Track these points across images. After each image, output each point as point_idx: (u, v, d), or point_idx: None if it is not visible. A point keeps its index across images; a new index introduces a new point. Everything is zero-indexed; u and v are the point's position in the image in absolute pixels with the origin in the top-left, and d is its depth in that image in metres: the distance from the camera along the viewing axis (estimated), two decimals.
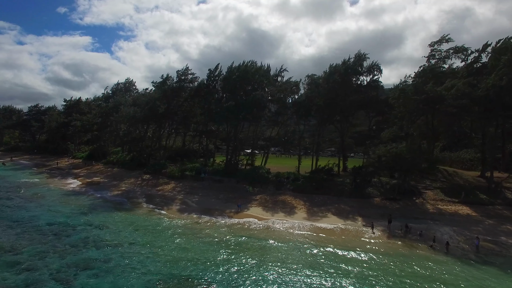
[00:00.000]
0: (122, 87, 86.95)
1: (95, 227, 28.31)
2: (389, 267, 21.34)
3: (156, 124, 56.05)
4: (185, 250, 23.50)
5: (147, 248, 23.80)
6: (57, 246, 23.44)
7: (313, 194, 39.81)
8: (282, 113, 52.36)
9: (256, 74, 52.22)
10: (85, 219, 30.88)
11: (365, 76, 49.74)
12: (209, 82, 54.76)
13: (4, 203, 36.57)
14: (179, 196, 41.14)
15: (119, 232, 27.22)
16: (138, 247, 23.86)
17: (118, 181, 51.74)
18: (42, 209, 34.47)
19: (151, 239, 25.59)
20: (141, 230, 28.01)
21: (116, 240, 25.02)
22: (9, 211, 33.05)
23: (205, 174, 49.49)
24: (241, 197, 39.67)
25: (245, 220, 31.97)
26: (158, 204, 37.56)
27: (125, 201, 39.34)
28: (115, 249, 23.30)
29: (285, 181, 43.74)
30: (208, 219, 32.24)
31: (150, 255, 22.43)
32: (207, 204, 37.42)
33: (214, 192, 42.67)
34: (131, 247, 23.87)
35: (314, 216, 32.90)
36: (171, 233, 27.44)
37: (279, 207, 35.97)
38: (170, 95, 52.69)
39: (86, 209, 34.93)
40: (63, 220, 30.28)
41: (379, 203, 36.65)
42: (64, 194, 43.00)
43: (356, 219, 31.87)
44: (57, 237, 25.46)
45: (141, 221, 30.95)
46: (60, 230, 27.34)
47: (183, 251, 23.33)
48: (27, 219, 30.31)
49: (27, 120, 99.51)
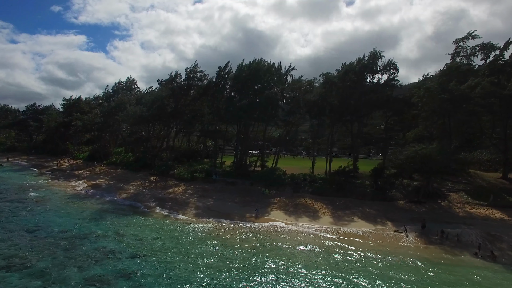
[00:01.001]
0: (123, 86, 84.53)
1: (111, 235, 26.34)
2: (442, 276, 19.82)
3: (164, 123, 53.92)
4: (223, 259, 21.88)
5: (177, 257, 21.97)
6: (75, 257, 21.44)
7: (334, 197, 38.24)
8: (295, 112, 50.62)
9: (267, 73, 50.59)
10: (98, 225, 28.87)
11: (381, 74, 48.45)
12: (218, 80, 52.91)
13: (9, 207, 34.37)
14: (192, 200, 39.20)
15: (138, 240, 25.27)
16: (167, 256, 22.03)
17: (125, 183, 49.57)
18: (50, 213, 32.38)
19: (177, 247, 23.73)
20: (162, 237, 26.12)
21: (138, 249, 23.09)
22: (16, 216, 30.89)
23: (216, 176, 47.63)
24: (259, 201, 37.96)
25: (269, 224, 30.34)
26: (172, 209, 35.62)
27: (136, 205, 37.30)
28: (139, 259, 21.37)
29: (302, 183, 42.09)
30: (230, 224, 30.42)
31: (186, 266, 20.64)
32: (224, 208, 35.57)
33: (228, 195, 40.81)
34: (157, 256, 21.96)
35: (341, 221, 31.28)
36: (196, 240, 25.57)
37: (301, 211, 34.29)
38: (178, 94, 50.65)
39: (97, 214, 32.87)
40: (75, 226, 28.29)
41: (404, 206, 35.22)
42: (70, 197, 40.79)
43: (386, 224, 30.33)
44: (73, 246, 23.46)
45: (159, 227, 29.02)
46: (74, 237, 25.35)
47: (220, 260, 21.71)
48: (36, 225, 28.26)
49: (25, 120, 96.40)
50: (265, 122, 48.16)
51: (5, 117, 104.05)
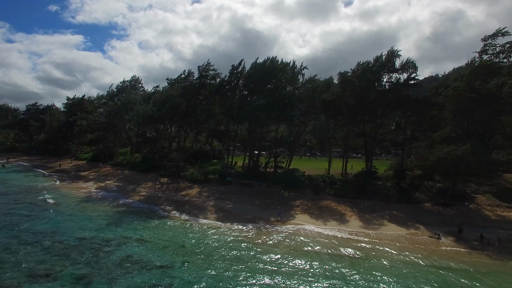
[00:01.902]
0: (127, 85, 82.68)
1: (133, 242, 24.77)
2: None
3: (176, 123, 52.23)
4: (266, 263, 20.95)
5: (215, 264, 20.70)
6: (101, 267, 19.93)
7: (357, 199, 36.99)
8: (311, 112, 49.38)
9: (282, 71, 49.37)
10: (117, 231, 27.27)
11: (399, 73, 47.32)
12: (231, 79, 51.52)
13: (19, 211, 32.73)
14: (210, 203, 37.72)
15: (165, 247, 23.73)
16: (202, 264, 20.67)
17: (135, 185, 47.93)
18: (63, 218, 30.72)
19: (210, 254, 22.34)
20: (189, 243, 24.66)
21: (167, 257, 21.60)
22: (28, 221, 29.18)
23: (230, 178, 46.19)
24: (279, 203, 36.64)
25: (299, 228, 29.21)
26: (191, 212, 34.10)
27: (153, 208, 35.74)
28: (172, 269, 19.89)
29: (322, 185, 40.82)
30: (257, 228, 29.03)
31: (229, 273, 19.41)
32: (245, 212, 34.15)
33: (246, 197, 39.40)
34: (190, 264, 20.49)
35: (371, 224, 30.04)
36: (226, 246, 24.19)
37: (326, 214, 33.00)
38: (190, 93, 49.06)
39: (113, 218, 31.28)
40: (93, 232, 26.66)
41: (431, 209, 34.07)
42: (81, 200, 39.11)
43: (418, 227, 29.13)
44: (97, 254, 21.92)
45: (182, 232, 27.54)
46: (95, 245, 23.75)
47: (265, 264, 20.79)
48: (50, 231, 26.61)
49: (26, 120, 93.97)
50: (283, 122, 46.74)
51: (5, 116, 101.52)
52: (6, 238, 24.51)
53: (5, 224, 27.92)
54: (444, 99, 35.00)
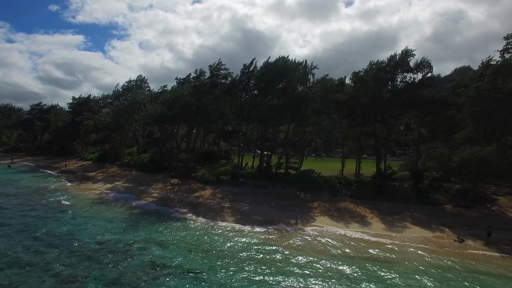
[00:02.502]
0: (133, 85, 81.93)
1: (154, 245, 24.03)
2: None
3: (187, 123, 51.45)
4: (300, 267, 20.27)
5: (247, 268, 20.05)
6: (126, 273, 19.24)
7: (375, 201, 36.33)
8: (323, 112, 48.73)
9: (294, 71, 48.71)
10: (136, 234, 26.55)
11: (414, 73, 46.70)
12: (243, 78, 50.82)
13: (36, 212, 32.08)
14: (225, 204, 37.01)
15: (187, 252, 22.96)
16: (232, 268, 19.90)
17: (145, 186, 47.18)
18: (79, 220, 29.99)
19: (237, 257, 21.60)
20: (213, 246, 23.93)
21: (193, 263, 20.89)
22: (42, 224, 28.46)
23: (243, 179, 45.50)
24: (296, 205, 35.93)
25: (321, 229, 28.46)
26: (208, 215, 33.33)
27: (168, 211, 34.93)
28: (201, 275, 19.15)
29: (338, 186, 40.15)
30: (279, 230, 28.35)
31: (263, 277, 18.77)
32: (263, 214, 33.44)
33: (262, 199, 38.71)
34: (220, 269, 19.75)
35: (394, 227, 29.36)
36: (252, 249, 23.46)
37: (346, 216, 32.32)
38: (202, 92, 48.31)
39: (129, 221, 30.55)
40: (112, 235, 25.97)
41: (452, 211, 33.46)
42: (93, 202, 38.38)
43: (443, 230, 28.47)
44: (120, 259, 21.20)
45: (203, 235, 26.79)
46: (116, 249, 23.07)
47: (298, 267, 20.24)
48: (70, 234, 25.90)
49: (30, 119, 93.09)
50: (297, 122, 46.06)
51: (8, 116, 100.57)
52: (29, 241, 23.85)
53: (26, 227, 27.30)
54: (465, 99, 34.34)
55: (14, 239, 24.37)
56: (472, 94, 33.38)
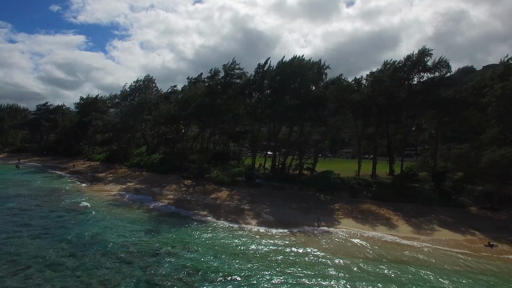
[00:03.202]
0: (141, 85, 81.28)
1: (181, 250, 23.29)
2: None
3: (201, 124, 50.71)
4: (344, 270, 19.39)
5: (283, 275, 19.10)
6: (161, 279, 18.48)
7: (397, 202, 35.66)
8: (339, 112, 48.11)
9: (309, 70, 48.13)
10: (160, 237, 25.83)
11: (431, 73, 46.08)
12: (257, 78, 50.20)
13: (52, 214, 31.23)
14: (245, 206, 36.33)
15: (217, 256, 22.21)
16: (269, 274, 19.10)
17: (159, 188, 46.52)
18: (99, 223, 29.21)
19: (271, 261, 20.81)
20: (242, 251, 23.17)
21: (226, 268, 20.15)
22: (66, 226, 27.67)
23: (259, 180, 44.86)
24: (317, 207, 35.31)
25: (348, 233, 27.63)
26: (228, 217, 32.58)
27: (187, 213, 34.16)
28: (239, 281, 18.40)
29: (358, 188, 39.52)
30: (306, 233, 27.61)
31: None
32: (285, 216, 32.77)
33: (281, 200, 38.04)
34: (257, 275, 18.99)
35: (422, 230, 28.70)
36: (283, 252, 22.67)
37: (371, 219, 31.67)
38: (216, 92, 47.64)
39: (150, 224, 29.83)
40: (136, 239, 25.20)
41: (479, 213, 32.79)
42: (110, 203, 37.65)
43: (473, 233, 27.82)
44: (149, 265, 20.39)
45: (228, 239, 26.04)
46: (144, 253, 22.25)
47: (343, 271, 19.35)
48: (89, 239, 24.95)
49: (37, 119, 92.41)
50: (315, 122, 45.42)
51: (14, 117, 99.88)
52: (58, 243, 23.13)
53: (50, 229, 26.48)
54: (490, 99, 33.67)
55: (44, 242, 23.69)
56: (498, 94, 32.70)
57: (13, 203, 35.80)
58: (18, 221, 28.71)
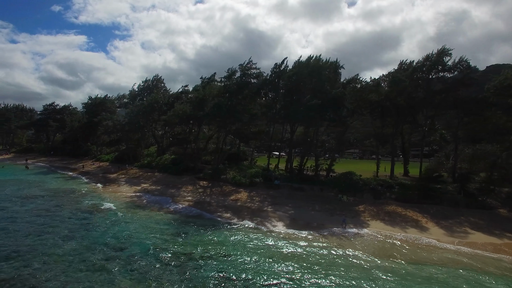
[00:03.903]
0: (150, 85, 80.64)
1: (215, 254, 22.57)
2: None
3: (217, 124, 50.05)
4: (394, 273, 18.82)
5: (335, 278, 18.57)
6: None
7: (422, 204, 35.24)
8: (357, 113, 47.61)
9: (327, 70, 47.64)
10: (189, 241, 25.15)
11: (451, 73, 45.63)
12: (273, 78, 49.66)
13: (73, 217, 30.52)
14: (268, 208, 35.73)
15: (254, 261, 21.54)
16: (319, 278, 18.51)
17: (175, 189, 45.90)
18: (123, 226, 28.43)
19: (318, 266, 20.21)
20: (280, 255, 22.41)
21: (269, 274, 19.46)
22: (91, 229, 26.97)
23: (278, 181, 44.30)
24: (342, 209, 34.80)
25: (380, 235, 27.00)
26: (253, 219, 31.79)
27: (210, 216, 33.38)
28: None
29: (380, 189, 38.98)
30: (336, 236, 27.01)
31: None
32: (311, 218, 32.18)
33: (303, 202, 37.47)
34: (305, 282, 18.41)
35: (454, 232, 28.17)
36: (324, 255, 22.05)
37: (399, 221, 31.15)
38: (234, 92, 47.02)
39: (175, 227, 29.09)
40: (165, 244, 24.26)
41: (508, 216, 32.36)
42: (129, 205, 36.94)
43: (510, 237, 27.28)
44: (186, 271, 19.63)
45: (260, 242, 25.34)
46: (178, 258, 21.55)
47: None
48: (123, 241, 24.29)
49: (44, 120, 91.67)
50: (335, 122, 44.90)
51: (20, 117, 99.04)
52: (85, 248, 22.36)
53: (74, 232, 25.81)
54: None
55: (77, 243, 23.14)
56: None
57: (32, 204, 35.21)
58: (45, 223, 28.13)
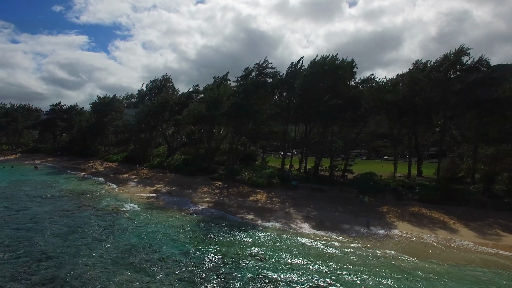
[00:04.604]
0: (158, 84, 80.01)
1: (251, 257, 22.01)
2: None
3: (233, 124, 49.51)
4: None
5: (378, 280, 18.08)
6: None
7: (447, 205, 34.75)
8: (373, 112, 47.15)
9: (344, 70, 47.21)
10: (220, 243, 24.62)
11: (470, 73, 45.13)
12: (288, 77, 49.20)
13: (95, 219, 30.02)
14: (290, 210, 35.20)
15: (288, 263, 21.10)
16: (361, 280, 18.03)
17: (191, 190, 45.35)
18: (148, 229, 27.72)
19: (357, 268, 19.70)
20: (315, 257, 21.87)
21: (308, 278, 19.03)
22: (115, 233, 26.38)
23: (296, 182, 43.83)
24: (364, 210, 34.35)
25: (411, 237, 26.57)
26: (278, 221, 31.27)
27: (231, 217, 32.95)
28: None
29: (402, 190, 38.52)
30: (366, 237, 26.63)
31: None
32: (336, 220, 31.68)
33: (324, 203, 36.98)
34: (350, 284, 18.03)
35: (486, 235, 27.67)
36: (361, 256, 21.68)
37: (426, 222, 30.70)
38: (251, 91, 46.49)
39: (200, 228, 28.60)
40: (194, 246, 23.71)
41: None
42: (149, 207, 36.36)
43: None
44: (221, 275, 19.17)
45: (290, 244, 24.85)
46: (209, 264, 20.73)
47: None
48: (152, 245, 23.49)
49: (51, 120, 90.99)
50: (354, 122, 44.47)
51: (27, 117, 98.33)
52: (117, 253, 21.84)
53: (101, 235, 25.35)
54: None
55: (105, 248, 22.57)
56: None
57: (51, 206, 34.69)
58: (68, 224, 27.74)
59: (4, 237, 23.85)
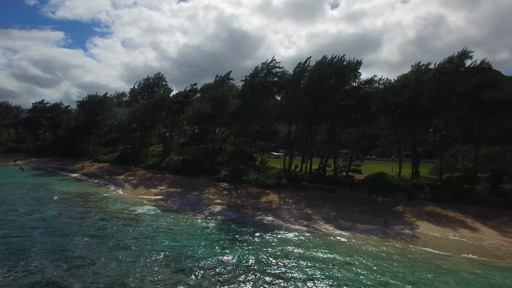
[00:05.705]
0: (151, 83, 77.41)
1: (291, 262, 21.02)
2: None
3: (239, 124, 48.42)
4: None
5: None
6: None
7: (459, 205, 35.52)
8: (381, 113, 47.68)
9: (352, 70, 47.44)
10: (251, 247, 23.60)
11: (473, 75, 46.59)
12: (296, 77, 48.83)
13: (107, 223, 28.14)
14: (307, 211, 34.62)
15: (330, 266, 20.48)
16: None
17: (197, 192, 43.78)
18: (170, 234, 25.91)
19: (397, 268, 19.38)
20: (357, 260, 21.37)
21: (359, 281, 18.55)
22: (136, 237, 24.78)
23: (305, 182, 43.46)
24: (379, 210, 34.47)
25: (436, 236, 26.75)
26: (299, 222, 30.52)
27: (249, 219, 32.02)
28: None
29: (413, 190, 39.06)
30: (392, 238, 26.60)
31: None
32: (357, 220, 31.41)
33: (339, 204, 36.78)
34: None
35: (507, 233, 28.34)
36: (406, 257, 21.44)
37: (445, 221, 31.17)
38: (259, 91, 45.67)
39: (225, 232, 27.43)
40: (229, 249, 22.85)
41: None
42: (161, 211, 34.67)
43: None
44: (280, 274, 18.49)
45: (323, 246, 24.27)
46: (259, 265, 19.98)
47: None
48: (182, 251, 22.14)
49: (35, 118, 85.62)
50: (366, 123, 44.68)
51: (6, 115, 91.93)
52: (143, 261, 20.34)
53: (120, 241, 23.62)
54: None
55: (133, 255, 21.04)
56: None
57: (54, 211, 32.07)
58: (80, 231, 25.67)
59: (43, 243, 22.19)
